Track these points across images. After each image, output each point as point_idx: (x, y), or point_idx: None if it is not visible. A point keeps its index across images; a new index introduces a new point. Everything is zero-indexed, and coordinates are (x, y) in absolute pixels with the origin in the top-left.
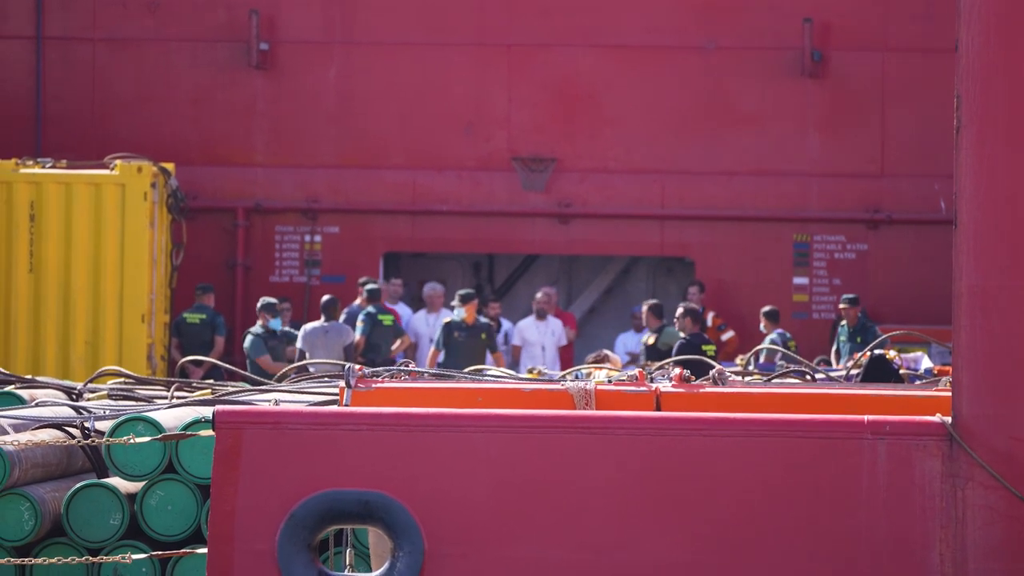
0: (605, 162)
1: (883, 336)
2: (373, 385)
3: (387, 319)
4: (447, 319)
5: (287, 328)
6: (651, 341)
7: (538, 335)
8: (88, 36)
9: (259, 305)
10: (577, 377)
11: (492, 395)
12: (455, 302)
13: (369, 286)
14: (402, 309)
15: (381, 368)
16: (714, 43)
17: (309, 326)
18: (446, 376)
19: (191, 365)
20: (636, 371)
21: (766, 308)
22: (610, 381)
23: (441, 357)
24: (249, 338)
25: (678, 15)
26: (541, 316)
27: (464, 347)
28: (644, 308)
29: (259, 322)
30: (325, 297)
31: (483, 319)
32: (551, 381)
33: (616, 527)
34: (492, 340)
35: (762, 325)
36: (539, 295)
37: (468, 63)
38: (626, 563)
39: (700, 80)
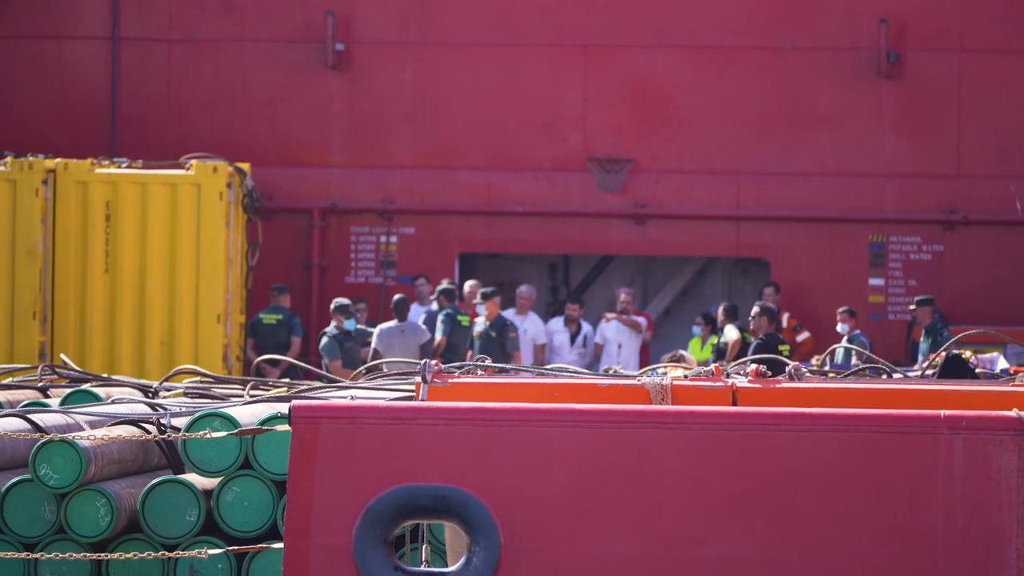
0: (681, 163)
1: (956, 336)
2: (449, 380)
3: (465, 320)
4: (476, 326)
5: (361, 327)
6: (714, 341)
7: (616, 334)
8: (164, 37)
9: (333, 306)
10: (653, 374)
11: (569, 390)
12: (477, 300)
13: (443, 286)
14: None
15: (457, 363)
16: (790, 44)
17: (384, 326)
18: (523, 371)
19: (267, 365)
20: (712, 367)
21: (843, 307)
22: (686, 377)
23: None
24: (324, 339)
25: (754, 15)
26: (622, 314)
27: (482, 347)
28: (719, 309)
29: (333, 323)
30: (395, 297)
31: (503, 317)
32: (627, 376)
33: (691, 522)
34: (507, 339)
35: (839, 322)
36: (621, 295)
37: (544, 64)
38: (701, 558)
39: (776, 80)
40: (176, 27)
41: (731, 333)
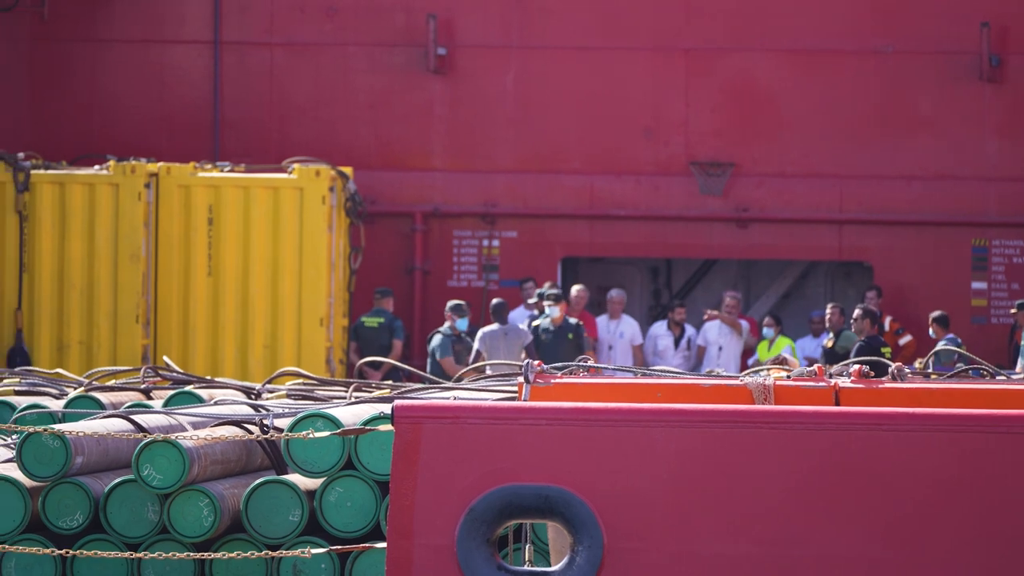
0: (782, 166)
1: None
2: (552, 381)
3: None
4: (534, 322)
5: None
6: (830, 344)
7: (718, 336)
8: (266, 41)
9: (448, 306)
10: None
11: (671, 390)
12: (547, 302)
13: (544, 289)
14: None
15: (560, 364)
16: (891, 47)
17: (487, 329)
18: (625, 372)
19: (369, 368)
20: (815, 368)
21: (936, 313)
22: (788, 377)
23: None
24: (438, 337)
25: (855, 19)
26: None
27: (551, 348)
28: (828, 308)
29: (447, 323)
30: (494, 300)
31: (571, 320)
32: (730, 377)
33: (793, 522)
34: (580, 339)
35: (931, 330)
36: (727, 299)
37: (646, 67)
38: (803, 558)
39: (877, 84)
40: (278, 31)
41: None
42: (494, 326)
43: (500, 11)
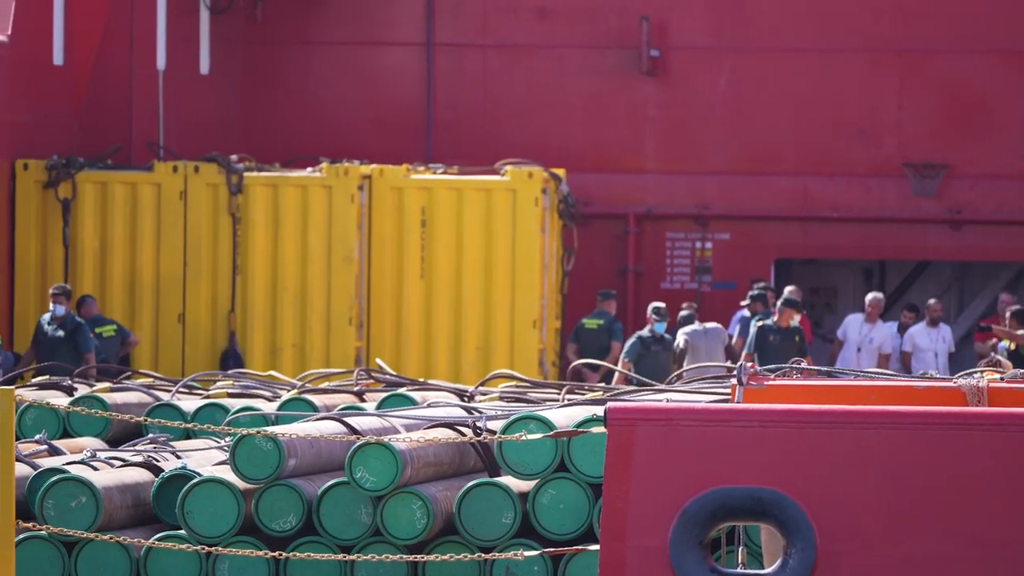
0: (996, 168)
1: None
2: (765, 383)
3: (769, 323)
4: (760, 322)
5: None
6: (1012, 347)
7: (930, 342)
8: (479, 43)
9: (650, 308)
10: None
11: (885, 393)
12: (781, 305)
13: (755, 291)
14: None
15: (773, 366)
16: None
17: (688, 328)
18: (838, 374)
19: (586, 369)
20: None
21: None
22: (1002, 379)
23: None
24: (631, 339)
25: None
26: (933, 323)
27: (778, 350)
28: (1007, 312)
29: (648, 325)
30: (683, 311)
31: (794, 323)
32: (944, 379)
33: (1006, 523)
34: (805, 344)
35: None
36: (931, 302)
37: (859, 69)
38: (1017, 560)
39: None
40: (490, 32)
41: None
42: (696, 325)
43: (713, 13)
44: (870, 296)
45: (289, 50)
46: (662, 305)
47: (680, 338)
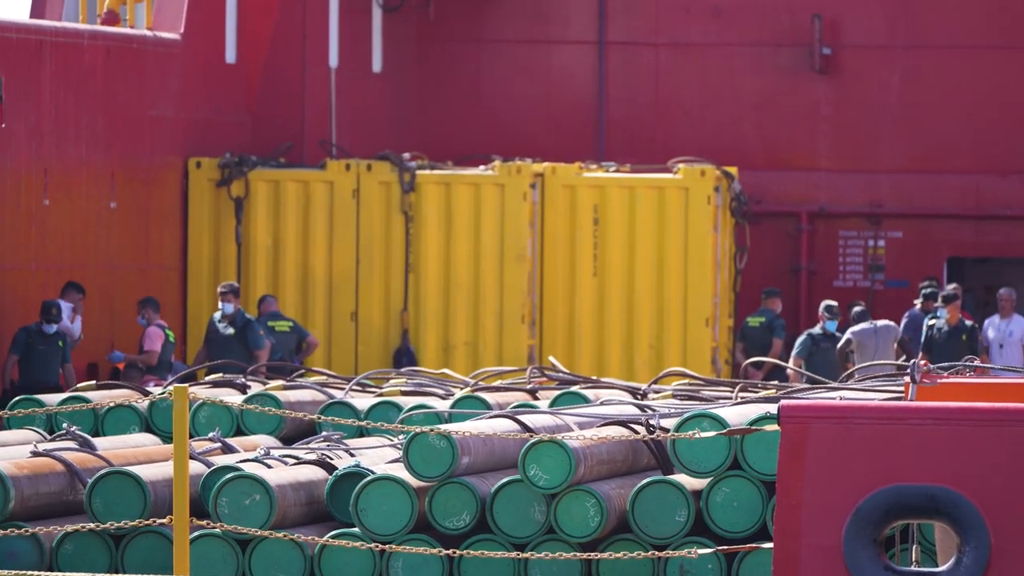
0: None
1: None
2: (938, 380)
3: (940, 321)
4: (930, 321)
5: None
6: None
7: None
8: (651, 41)
9: (821, 306)
10: None
11: None
12: (938, 303)
13: (926, 289)
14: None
15: (946, 364)
16: None
17: (858, 327)
18: (1014, 372)
19: (752, 368)
20: None
21: None
22: None
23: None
24: (802, 337)
25: None
26: None
27: (944, 348)
28: None
29: (819, 323)
30: (855, 309)
31: (966, 321)
32: None
33: None
34: (975, 342)
35: None
36: None
37: None
38: None
39: None
40: (663, 31)
41: None
42: (866, 324)
43: (885, 11)
44: (1002, 291)
45: (462, 48)
46: (834, 303)
47: (845, 336)
